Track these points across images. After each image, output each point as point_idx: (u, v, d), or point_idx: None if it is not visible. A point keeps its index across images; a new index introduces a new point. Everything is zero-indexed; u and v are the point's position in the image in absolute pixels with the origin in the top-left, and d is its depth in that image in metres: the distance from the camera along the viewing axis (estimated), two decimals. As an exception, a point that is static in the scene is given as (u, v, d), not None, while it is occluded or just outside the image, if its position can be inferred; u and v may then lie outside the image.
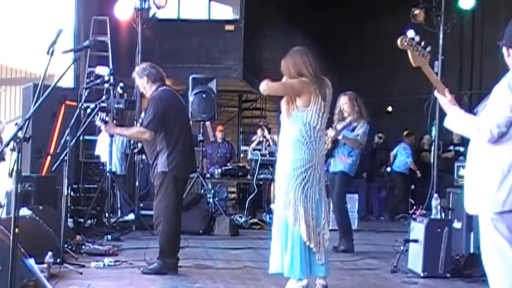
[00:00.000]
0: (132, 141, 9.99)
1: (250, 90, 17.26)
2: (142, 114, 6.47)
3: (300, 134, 5.24)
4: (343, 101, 8.07)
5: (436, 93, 4.08)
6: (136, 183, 9.99)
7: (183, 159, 6.31)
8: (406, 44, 4.10)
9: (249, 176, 11.60)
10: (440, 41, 9.03)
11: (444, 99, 4.05)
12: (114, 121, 8.53)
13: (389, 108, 16.89)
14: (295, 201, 5.23)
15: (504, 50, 3.95)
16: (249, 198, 11.28)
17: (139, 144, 8.44)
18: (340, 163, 8.05)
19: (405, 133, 13.45)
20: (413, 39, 4.12)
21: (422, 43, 4.07)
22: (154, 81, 6.41)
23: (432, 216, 6.75)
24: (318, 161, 5.36)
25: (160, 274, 6.20)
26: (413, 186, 13.64)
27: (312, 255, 5.31)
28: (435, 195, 7.13)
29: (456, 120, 4.00)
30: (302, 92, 5.26)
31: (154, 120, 6.17)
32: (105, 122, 6.51)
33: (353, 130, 8.02)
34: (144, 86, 6.46)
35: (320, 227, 5.33)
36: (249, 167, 11.96)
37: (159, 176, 6.27)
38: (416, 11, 9.26)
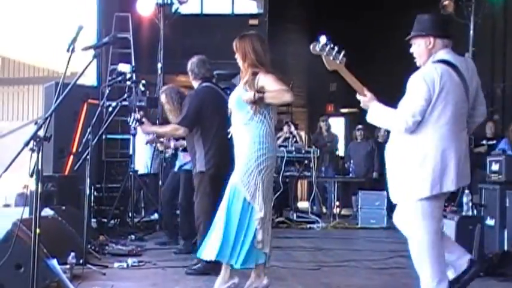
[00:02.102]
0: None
1: (275, 85, 17.11)
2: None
3: (269, 129, 5.13)
4: (164, 100, 7.58)
5: (357, 95, 4.34)
6: (160, 182, 9.90)
7: (220, 158, 6.13)
8: (318, 50, 4.29)
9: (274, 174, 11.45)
10: (471, 32, 8.82)
11: (364, 99, 4.33)
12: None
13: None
14: (267, 202, 5.15)
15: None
16: (275, 196, 11.11)
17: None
18: (184, 161, 7.65)
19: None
20: (326, 44, 4.30)
21: (336, 48, 4.32)
22: (195, 77, 6.38)
23: (463, 213, 6.67)
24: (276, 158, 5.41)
25: (204, 274, 6.12)
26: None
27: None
28: (466, 191, 6.96)
29: (378, 114, 4.29)
30: None
31: (188, 117, 6.11)
32: (141, 122, 6.44)
33: None
34: (190, 80, 6.45)
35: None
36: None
37: (197, 176, 6.22)
38: (446, 2, 9.06)
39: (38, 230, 3.57)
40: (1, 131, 22.98)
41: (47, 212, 6.53)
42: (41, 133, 3.58)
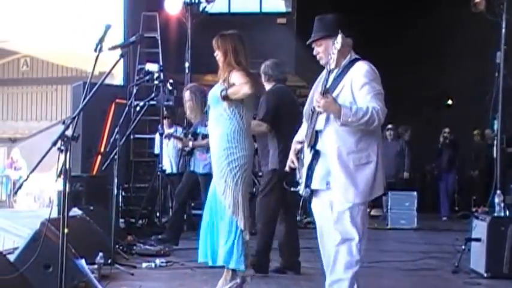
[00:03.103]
0: None
1: (304, 85, 16.99)
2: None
3: (238, 127, 5.22)
4: (187, 98, 7.65)
5: (317, 96, 3.98)
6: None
7: None
8: (335, 46, 4.00)
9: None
10: (503, 30, 8.61)
11: (327, 100, 3.92)
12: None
13: (449, 101, 16.43)
14: (243, 203, 5.20)
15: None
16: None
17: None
18: (200, 163, 7.66)
19: None
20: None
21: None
22: (268, 79, 6.43)
23: (495, 214, 6.55)
24: (252, 157, 5.41)
25: (282, 273, 6.23)
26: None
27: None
28: (498, 191, 6.85)
29: (353, 112, 3.89)
30: None
31: (270, 113, 6.19)
32: None
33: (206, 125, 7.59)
34: (263, 82, 6.50)
35: None
36: (302, 164, 11.70)
37: (268, 174, 6.30)
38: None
39: (66, 230, 3.54)
40: (30, 131, 23.20)
41: (75, 211, 6.55)
42: (69, 133, 3.55)
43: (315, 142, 4.10)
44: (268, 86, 6.42)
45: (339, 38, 4.00)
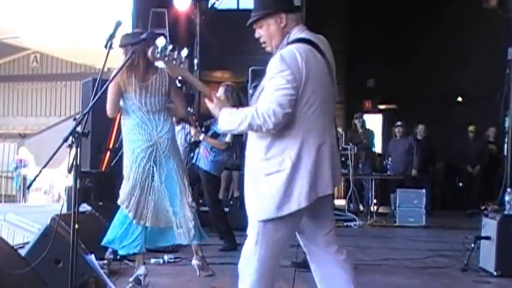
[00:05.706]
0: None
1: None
2: None
3: (136, 117, 5.58)
4: (220, 93, 7.56)
5: (206, 100, 3.64)
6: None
7: None
8: (158, 56, 3.71)
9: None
10: (515, 26, 8.56)
11: (211, 105, 3.58)
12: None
13: (459, 99, 16.35)
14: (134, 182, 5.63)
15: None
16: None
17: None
18: (202, 159, 7.61)
19: None
20: (165, 48, 3.70)
21: (176, 50, 3.73)
22: None
23: (506, 212, 6.47)
24: (160, 141, 5.57)
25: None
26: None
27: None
28: (508, 189, 6.80)
29: (233, 117, 3.46)
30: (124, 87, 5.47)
31: None
32: None
33: None
34: None
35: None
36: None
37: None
38: (489, -5, 8.80)
39: (76, 226, 3.54)
40: (39, 127, 23.31)
41: (85, 207, 6.57)
42: (79, 129, 3.56)
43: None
44: None
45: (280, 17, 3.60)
